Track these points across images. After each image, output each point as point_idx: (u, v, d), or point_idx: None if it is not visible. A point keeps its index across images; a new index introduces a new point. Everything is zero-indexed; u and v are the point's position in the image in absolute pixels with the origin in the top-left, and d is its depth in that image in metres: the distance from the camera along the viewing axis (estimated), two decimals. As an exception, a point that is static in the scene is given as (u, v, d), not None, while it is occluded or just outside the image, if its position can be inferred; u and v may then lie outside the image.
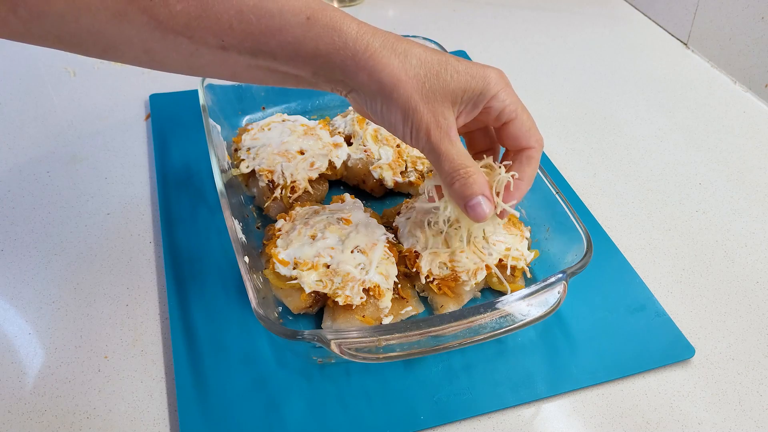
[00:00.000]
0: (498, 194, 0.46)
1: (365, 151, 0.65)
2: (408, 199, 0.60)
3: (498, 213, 0.46)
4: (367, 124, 0.67)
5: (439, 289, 0.52)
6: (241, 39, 0.39)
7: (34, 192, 0.66)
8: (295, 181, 0.60)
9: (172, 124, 0.73)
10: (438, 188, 0.49)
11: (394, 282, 0.53)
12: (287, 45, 0.40)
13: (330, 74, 0.42)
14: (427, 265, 0.52)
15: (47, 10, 0.35)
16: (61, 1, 0.35)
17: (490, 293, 0.56)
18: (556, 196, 0.54)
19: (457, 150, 0.43)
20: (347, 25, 0.40)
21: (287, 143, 0.63)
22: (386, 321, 0.51)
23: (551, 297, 0.47)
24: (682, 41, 0.98)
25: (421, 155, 0.64)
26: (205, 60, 0.40)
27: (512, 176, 0.46)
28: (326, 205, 0.58)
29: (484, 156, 0.49)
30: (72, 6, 0.35)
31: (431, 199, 0.49)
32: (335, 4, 1.04)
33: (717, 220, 0.66)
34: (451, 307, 0.53)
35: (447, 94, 0.42)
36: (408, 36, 0.71)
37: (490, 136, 0.50)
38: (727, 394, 0.50)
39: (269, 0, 0.38)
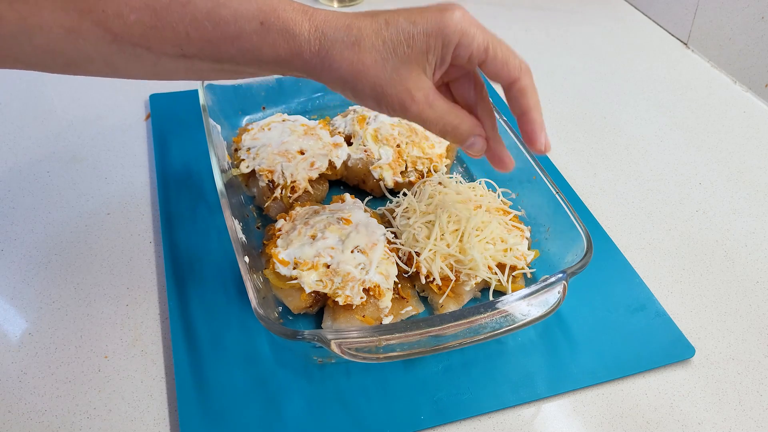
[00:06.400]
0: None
1: (365, 151, 0.65)
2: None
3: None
4: (367, 124, 0.67)
5: (439, 289, 0.52)
6: (200, 47, 0.38)
7: (34, 192, 0.66)
8: (295, 181, 0.60)
9: (172, 124, 0.73)
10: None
11: (394, 282, 0.53)
12: (247, 52, 0.39)
13: (293, 74, 0.42)
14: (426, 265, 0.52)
15: None
16: (12, 22, 0.34)
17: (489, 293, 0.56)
18: (556, 196, 0.54)
19: (437, 113, 0.42)
20: (299, 25, 0.39)
21: (287, 143, 0.63)
22: (386, 321, 0.51)
23: (551, 297, 0.47)
24: (682, 41, 0.98)
25: (421, 155, 0.64)
26: (169, 67, 0.40)
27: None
28: (326, 205, 0.58)
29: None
30: (23, 26, 0.34)
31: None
32: (335, 6, 1.04)
33: (717, 220, 0.66)
34: (451, 307, 0.53)
35: (412, 64, 0.41)
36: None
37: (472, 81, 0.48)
38: (727, 394, 0.50)
39: (222, 6, 0.38)
